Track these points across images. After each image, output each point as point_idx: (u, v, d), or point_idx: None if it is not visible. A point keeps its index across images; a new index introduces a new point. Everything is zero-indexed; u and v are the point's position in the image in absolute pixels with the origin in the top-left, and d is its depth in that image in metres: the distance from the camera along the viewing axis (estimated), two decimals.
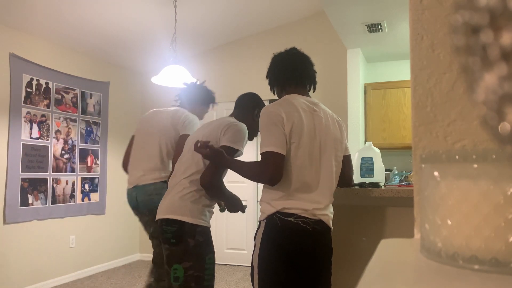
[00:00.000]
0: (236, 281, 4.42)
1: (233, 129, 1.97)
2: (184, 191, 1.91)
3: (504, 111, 0.25)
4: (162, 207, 1.96)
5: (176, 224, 1.87)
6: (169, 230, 1.87)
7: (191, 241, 1.86)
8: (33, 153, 4.17)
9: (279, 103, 1.75)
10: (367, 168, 2.62)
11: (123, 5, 4.02)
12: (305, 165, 1.71)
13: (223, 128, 1.98)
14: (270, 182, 1.67)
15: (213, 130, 2.01)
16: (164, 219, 1.90)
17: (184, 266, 1.85)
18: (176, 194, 1.92)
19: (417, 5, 0.66)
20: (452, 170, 0.42)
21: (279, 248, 1.71)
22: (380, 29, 3.93)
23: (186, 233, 1.86)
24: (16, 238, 3.99)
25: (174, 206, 1.90)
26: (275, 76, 1.91)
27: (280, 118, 1.68)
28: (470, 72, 0.27)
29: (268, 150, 1.65)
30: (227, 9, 4.48)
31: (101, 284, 4.47)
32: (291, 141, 1.69)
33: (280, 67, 1.90)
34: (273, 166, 1.64)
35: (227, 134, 1.95)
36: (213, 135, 1.98)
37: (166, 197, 1.99)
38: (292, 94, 1.82)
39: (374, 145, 2.83)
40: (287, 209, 1.68)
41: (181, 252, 1.85)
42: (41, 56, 4.33)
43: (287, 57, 1.90)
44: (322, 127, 1.78)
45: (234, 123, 2.01)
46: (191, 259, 1.85)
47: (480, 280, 0.38)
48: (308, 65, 1.90)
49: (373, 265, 0.44)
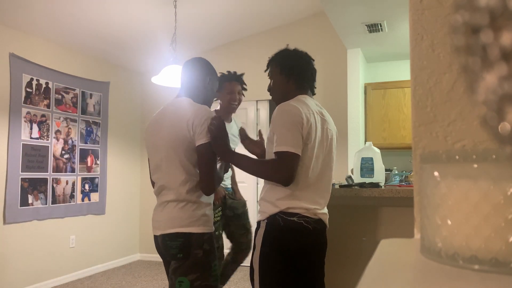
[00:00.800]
0: (236, 281, 4.41)
1: (202, 120, 1.75)
2: (183, 202, 1.76)
3: (504, 111, 0.25)
4: (161, 222, 1.79)
5: (181, 237, 1.73)
6: (175, 245, 1.73)
7: (199, 252, 1.73)
8: (33, 153, 4.17)
9: (296, 102, 1.74)
10: (367, 168, 2.62)
11: (123, 5, 4.02)
12: (311, 166, 1.74)
13: (188, 123, 1.75)
14: (284, 182, 1.66)
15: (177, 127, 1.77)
16: (167, 234, 1.75)
17: (190, 279, 1.72)
18: (176, 206, 1.76)
19: (417, 5, 0.66)
20: (452, 170, 0.42)
21: (282, 248, 1.71)
22: (380, 29, 3.93)
23: (193, 245, 1.73)
24: (16, 238, 3.99)
25: (177, 219, 1.75)
26: (298, 70, 1.85)
27: (299, 119, 1.66)
28: (470, 72, 0.27)
29: (286, 150, 1.63)
30: (227, 9, 4.48)
31: (101, 284, 4.47)
32: (306, 142, 1.70)
33: (306, 66, 1.87)
34: (290, 167, 1.64)
35: (199, 128, 1.74)
36: (181, 132, 1.76)
37: (163, 210, 1.80)
38: (305, 95, 1.83)
39: (374, 145, 2.83)
40: (291, 209, 1.70)
41: (189, 265, 1.73)
42: (41, 56, 4.33)
43: (307, 58, 1.89)
44: (328, 132, 1.83)
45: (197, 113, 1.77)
46: (198, 270, 1.73)
47: (480, 280, 0.38)
48: (315, 74, 1.92)
49: (373, 265, 0.44)
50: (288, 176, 1.64)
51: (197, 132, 1.75)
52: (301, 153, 1.68)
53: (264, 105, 5.30)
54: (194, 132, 1.75)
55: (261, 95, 5.09)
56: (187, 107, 1.82)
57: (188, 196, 1.75)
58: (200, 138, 1.75)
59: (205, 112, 1.79)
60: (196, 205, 1.76)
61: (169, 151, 1.78)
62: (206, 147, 1.75)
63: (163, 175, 1.81)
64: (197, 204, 1.76)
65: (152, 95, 5.78)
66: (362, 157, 2.65)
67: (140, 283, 4.51)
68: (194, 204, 1.76)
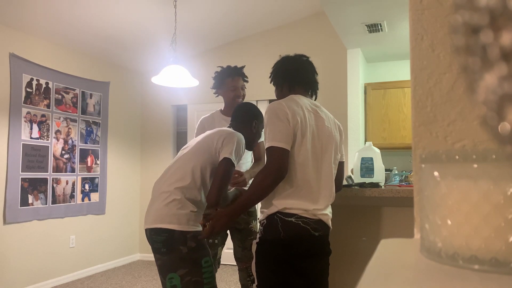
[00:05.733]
0: (236, 281, 4.41)
1: (231, 140, 1.96)
2: (168, 198, 1.85)
3: (504, 111, 0.25)
4: (149, 216, 1.88)
5: (165, 233, 1.80)
6: (159, 240, 1.80)
7: (183, 248, 1.79)
8: (33, 153, 4.17)
9: (284, 100, 1.77)
10: (367, 168, 2.62)
11: (123, 5, 4.02)
12: (307, 163, 1.72)
13: (220, 138, 1.96)
14: (276, 175, 1.63)
15: (210, 139, 1.98)
16: (152, 228, 1.83)
17: (180, 274, 1.78)
18: (162, 202, 1.85)
19: (417, 5, 0.66)
20: (452, 170, 0.42)
21: (279, 249, 1.71)
22: (380, 29, 3.93)
23: (176, 241, 1.79)
24: (16, 238, 3.99)
25: (162, 215, 1.82)
26: (288, 75, 1.91)
27: (284, 113, 1.68)
28: (470, 72, 0.27)
29: (271, 145, 1.64)
30: (227, 9, 4.48)
31: (101, 284, 4.47)
32: (295, 139, 1.70)
33: (293, 68, 1.91)
34: (276, 159, 1.63)
35: (228, 145, 1.93)
36: (210, 144, 1.96)
37: (152, 205, 1.91)
38: (298, 94, 1.84)
39: (374, 145, 2.83)
40: (288, 209, 1.69)
41: (175, 261, 1.79)
42: (41, 56, 4.33)
43: (300, 61, 1.93)
44: (325, 129, 1.81)
45: (231, 133, 2.00)
46: (187, 265, 1.79)
47: (480, 280, 0.38)
48: (315, 75, 1.95)
49: (373, 265, 0.44)
50: (277, 167, 1.62)
51: (224, 147, 1.92)
52: (294, 150, 1.69)
53: (264, 105, 5.30)
54: (221, 146, 1.92)
55: (261, 95, 5.09)
56: (228, 131, 2.03)
57: (175, 192, 1.84)
58: (225, 153, 1.91)
59: (238, 136, 1.99)
60: (181, 204, 1.83)
61: (188, 154, 1.95)
62: (227, 163, 1.89)
63: (173, 171, 1.93)
64: (182, 203, 1.84)
65: (152, 95, 5.78)
66: (362, 157, 2.65)
67: (140, 283, 4.51)
68: (179, 203, 1.83)
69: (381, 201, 2.33)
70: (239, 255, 2.60)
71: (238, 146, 1.95)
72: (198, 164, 1.91)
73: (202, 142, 1.98)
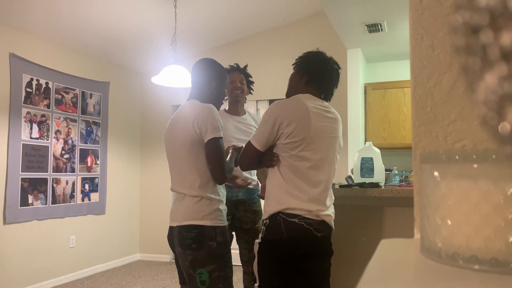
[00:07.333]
0: (236, 281, 4.41)
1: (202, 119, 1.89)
2: (197, 197, 1.91)
3: (504, 111, 0.25)
4: (178, 214, 1.94)
5: (196, 229, 1.87)
6: (189, 236, 1.87)
7: (212, 244, 1.87)
8: (33, 153, 4.17)
9: (285, 101, 1.78)
10: (367, 168, 2.62)
11: (123, 5, 4.02)
12: (312, 165, 1.73)
13: (194, 123, 1.90)
14: (241, 168, 1.92)
15: (187, 131, 1.92)
16: (182, 225, 1.90)
17: (208, 270, 1.86)
18: (191, 200, 1.91)
19: (417, 5, 0.66)
20: (452, 170, 0.42)
21: (281, 250, 1.71)
22: (380, 29, 3.93)
23: (206, 237, 1.87)
24: (16, 238, 3.99)
25: (192, 212, 1.89)
26: (315, 71, 1.88)
27: (276, 121, 1.74)
28: (470, 72, 0.27)
29: (252, 142, 1.81)
30: (227, 9, 4.48)
31: (101, 284, 4.47)
32: (295, 140, 1.70)
33: (323, 69, 1.90)
34: (244, 154, 1.87)
35: (204, 126, 1.88)
36: (192, 134, 1.90)
37: (180, 204, 1.95)
38: (306, 94, 1.83)
39: (374, 145, 2.82)
40: (291, 209, 1.69)
41: (205, 256, 1.86)
42: (41, 56, 4.33)
43: (332, 68, 1.92)
44: (332, 130, 1.81)
45: (198, 112, 1.91)
46: (215, 261, 1.87)
47: (480, 280, 0.38)
48: (335, 88, 1.97)
49: (373, 265, 0.44)
50: (242, 162, 1.88)
51: (202, 131, 1.89)
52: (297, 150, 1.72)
53: (264, 105, 5.29)
54: (200, 131, 1.90)
55: (261, 95, 5.09)
56: (192, 109, 1.97)
57: (201, 192, 1.91)
58: (206, 135, 1.89)
59: (206, 110, 1.92)
60: (209, 201, 1.91)
61: (182, 151, 1.95)
62: (213, 142, 1.90)
63: (179, 172, 1.98)
64: (210, 200, 1.92)
65: (152, 95, 5.78)
66: (362, 157, 2.65)
67: (140, 283, 4.51)
68: (207, 200, 1.91)
69: (381, 201, 2.33)
70: (245, 258, 2.59)
71: (212, 119, 1.89)
72: (196, 159, 1.93)
73: (183, 137, 1.93)
